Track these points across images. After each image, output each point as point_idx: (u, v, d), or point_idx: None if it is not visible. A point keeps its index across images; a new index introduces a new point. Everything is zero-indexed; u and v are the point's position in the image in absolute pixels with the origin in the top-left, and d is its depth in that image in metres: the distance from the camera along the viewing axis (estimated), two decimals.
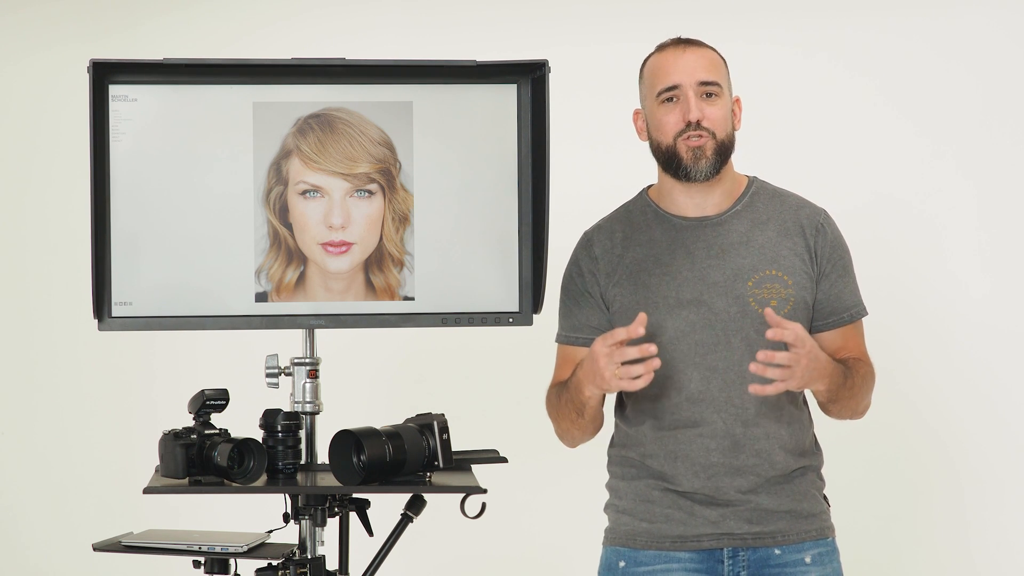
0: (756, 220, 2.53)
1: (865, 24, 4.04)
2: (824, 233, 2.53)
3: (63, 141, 4.07)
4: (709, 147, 2.47)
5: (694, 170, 2.48)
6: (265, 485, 2.65)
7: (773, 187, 2.60)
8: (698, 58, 2.49)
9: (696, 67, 2.48)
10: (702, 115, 2.46)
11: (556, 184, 2.85)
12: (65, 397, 4.21)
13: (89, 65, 2.70)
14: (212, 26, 4.18)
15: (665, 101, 2.49)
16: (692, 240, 2.52)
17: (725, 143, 2.49)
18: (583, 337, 2.57)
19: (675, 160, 2.49)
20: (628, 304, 2.52)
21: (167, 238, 2.79)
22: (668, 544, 2.50)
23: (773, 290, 2.48)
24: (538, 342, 3.09)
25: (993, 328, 3.97)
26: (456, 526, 2.80)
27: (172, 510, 3.68)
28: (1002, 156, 3.98)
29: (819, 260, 2.52)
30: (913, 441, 3.97)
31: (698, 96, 2.47)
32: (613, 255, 2.56)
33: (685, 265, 2.51)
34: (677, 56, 2.49)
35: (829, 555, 2.52)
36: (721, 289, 2.48)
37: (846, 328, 2.54)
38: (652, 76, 2.52)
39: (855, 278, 2.57)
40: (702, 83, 2.47)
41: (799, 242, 2.52)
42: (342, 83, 2.82)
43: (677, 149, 2.48)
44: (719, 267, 2.50)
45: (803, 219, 2.54)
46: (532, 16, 4.12)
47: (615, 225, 2.60)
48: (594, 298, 2.57)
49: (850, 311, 2.54)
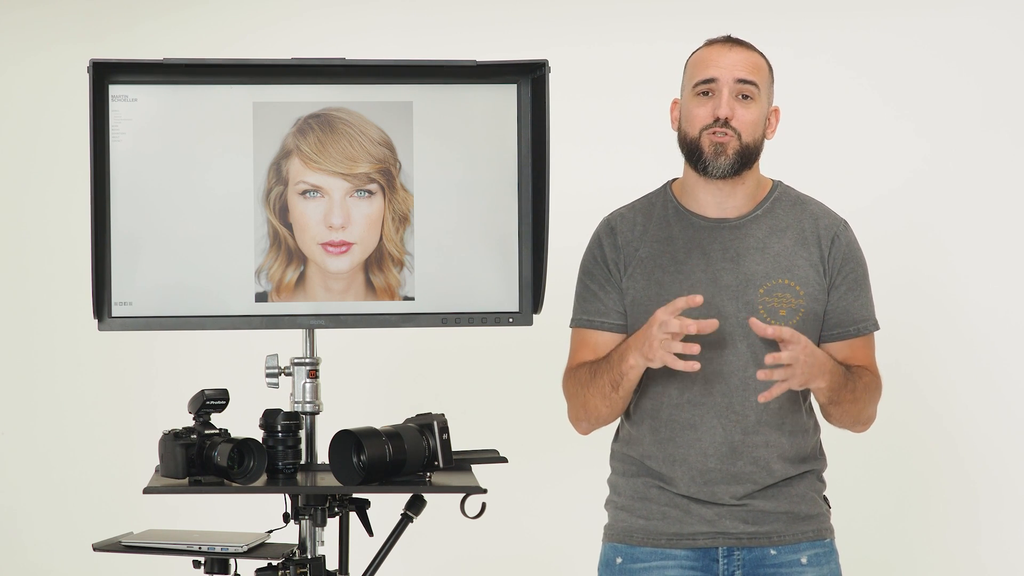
0: (775, 227, 2.52)
1: (865, 25, 4.03)
2: (838, 244, 2.52)
3: (63, 141, 4.07)
4: (732, 146, 2.46)
5: (712, 165, 2.47)
6: (265, 485, 2.65)
7: (796, 193, 2.58)
8: (742, 58, 2.49)
9: (737, 65, 2.48)
10: (732, 113, 2.45)
11: (556, 184, 2.84)
12: (65, 397, 4.21)
13: (89, 65, 2.70)
14: (212, 26, 4.18)
15: (700, 94, 2.48)
16: (709, 241, 2.51)
17: (750, 147, 2.48)
18: (608, 322, 2.54)
19: (696, 152, 2.48)
20: (640, 298, 2.51)
21: (167, 238, 2.79)
22: (664, 541, 2.50)
23: (783, 299, 2.47)
24: (538, 342, 3.10)
25: (1002, 326, 3.96)
26: (456, 526, 2.80)
27: (172, 510, 3.68)
28: (1003, 155, 3.98)
29: (830, 271, 2.51)
30: (925, 440, 3.97)
31: (733, 94, 2.46)
32: (631, 247, 2.55)
33: (699, 266, 2.50)
34: (722, 52, 2.49)
35: (826, 556, 2.52)
36: (732, 293, 2.48)
37: (853, 341, 2.52)
38: (693, 67, 2.52)
39: (869, 292, 2.55)
40: (739, 81, 2.46)
41: (814, 252, 2.51)
42: (342, 83, 2.82)
43: (701, 142, 2.47)
44: (732, 271, 2.49)
45: (820, 229, 2.53)
46: (532, 16, 4.12)
47: (637, 216, 2.58)
48: (616, 283, 2.55)
49: (857, 325, 2.52)
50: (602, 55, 4.05)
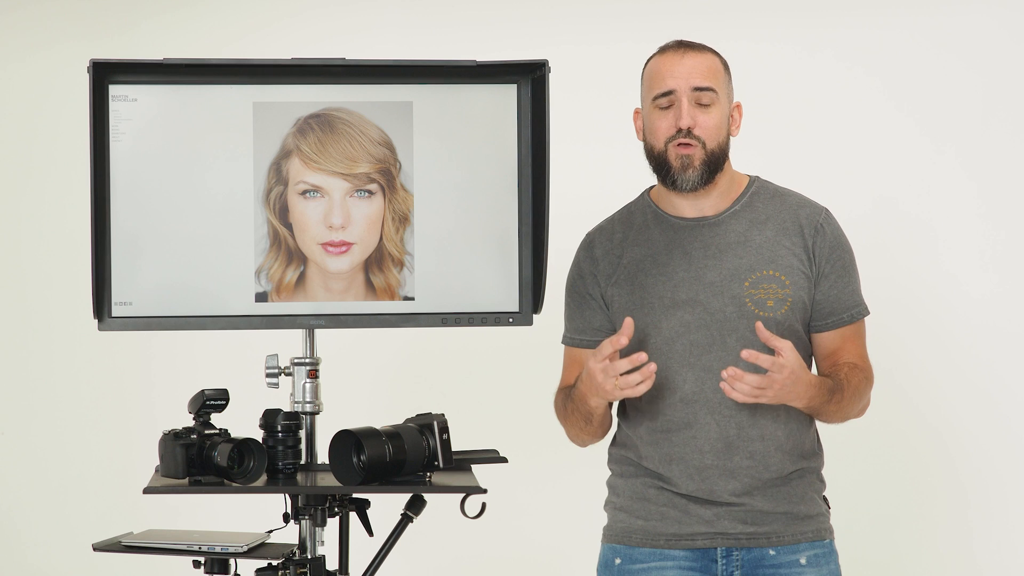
0: (755, 220, 2.53)
1: (867, 23, 4.03)
2: (823, 233, 2.52)
3: (63, 141, 4.07)
4: (698, 157, 2.46)
5: (681, 179, 2.48)
6: (265, 485, 2.65)
7: (775, 187, 2.59)
8: (696, 64, 2.48)
9: (692, 73, 2.47)
10: (694, 123, 2.46)
11: (556, 184, 2.84)
12: (65, 397, 4.21)
13: (89, 65, 2.69)
14: (212, 26, 4.18)
15: (660, 106, 2.49)
16: (689, 240, 2.52)
17: (716, 153, 2.48)
18: (587, 339, 2.58)
19: (664, 166, 2.49)
20: (625, 305, 2.52)
21: (167, 238, 2.79)
22: (663, 542, 2.50)
23: (770, 290, 2.48)
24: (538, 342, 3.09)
25: (995, 327, 3.96)
26: (456, 526, 2.80)
27: (172, 510, 3.68)
28: (1004, 154, 3.98)
29: (818, 260, 2.51)
30: (915, 442, 3.97)
31: (692, 103, 2.46)
32: (613, 256, 2.57)
33: (682, 265, 2.50)
34: (675, 61, 2.49)
35: (826, 557, 2.52)
36: (717, 289, 2.48)
37: (845, 329, 2.53)
38: (650, 79, 2.52)
39: (857, 278, 2.56)
40: (697, 89, 2.46)
41: (797, 242, 2.51)
42: (342, 83, 2.82)
43: (667, 155, 2.48)
44: (716, 267, 2.49)
45: (802, 218, 2.53)
46: (532, 16, 4.12)
47: (616, 226, 2.61)
48: (595, 299, 2.57)
49: (850, 311, 2.53)
50: (602, 55, 4.05)
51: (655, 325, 2.48)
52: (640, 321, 2.48)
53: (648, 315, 2.48)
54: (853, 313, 2.53)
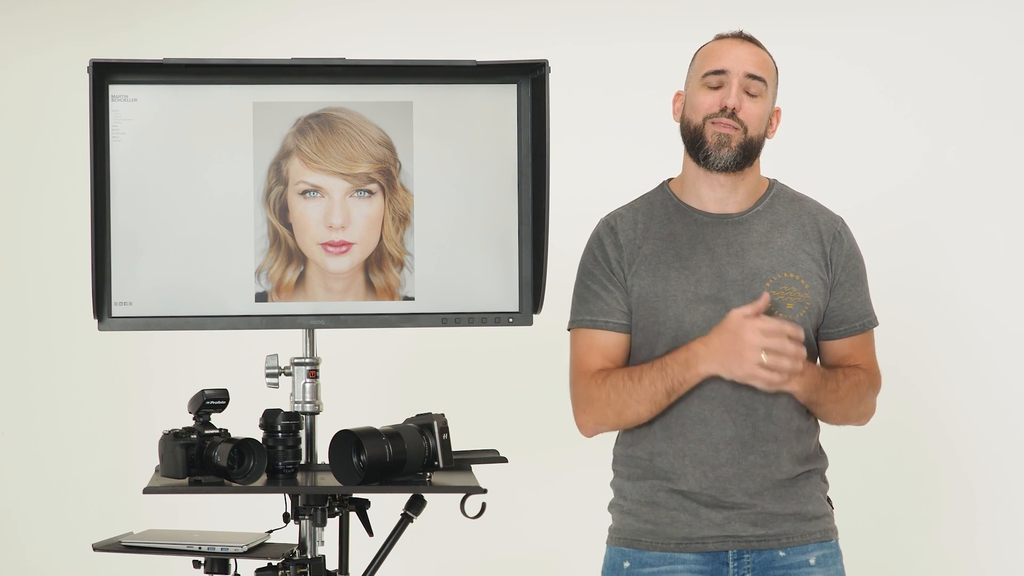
0: (776, 222, 2.53)
1: (867, 23, 4.04)
2: (841, 241, 2.53)
3: (63, 141, 4.08)
4: (736, 139, 2.47)
5: (715, 156, 2.47)
6: (265, 485, 2.65)
7: (792, 191, 2.60)
8: (752, 54, 2.51)
9: (748, 60, 2.49)
10: (740, 105, 2.46)
11: (556, 184, 2.84)
12: (65, 397, 4.21)
13: (89, 65, 2.70)
14: (212, 26, 4.18)
15: (709, 84, 2.49)
16: (712, 236, 2.52)
17: (754, 141, 2.49)
18: (614, 322, 2.53)
19: (699, 141, 2.48)
20: (646, 296, 2.51)
21: (167, 238, 2.79)
22: (673, 545, 2.49)
23: (790, 292, 2.48)
24: (538, 342, 3.10)
25: (1001, 326, 3.97)
26: (456, 526, 2.80)
27: (172, 510, 3.67)
28: (1004, 154, 3.98)
29: (834, 268, 2.52)
30: (920, 441, 3.97)
31: (742, 88, 2.48)
32: (634, 244, 2.55)
33: (704, 261, 2.50)
34: (733, 46, 2.51)
35: (833, 557, 2.52)
36: (738, 287, 2.48)
37: (855, 338, 2.54)
38: (703, 58, 2.53)
39: (868, 288, 2.58)
40: (749, 75, 2.48)
41: (816, 248, 2.52)
42: (342, 83, 2.82)
43: (704, 131, 2.48)
44: (737, 265, 2.50)
45: (821, 225, 2.54)
46: (532, 16, 4.12)
47: (637, 215, 2.58)
48: (623, 282, 2.54)
49: (861, 320, 2.54)
50: (602, 54, 4.05)
51: (677, 319, 2.47)
52: (661, 314, 2.48)
53: (670, 308, 2.48)
54: (864, 323, 2.55)
